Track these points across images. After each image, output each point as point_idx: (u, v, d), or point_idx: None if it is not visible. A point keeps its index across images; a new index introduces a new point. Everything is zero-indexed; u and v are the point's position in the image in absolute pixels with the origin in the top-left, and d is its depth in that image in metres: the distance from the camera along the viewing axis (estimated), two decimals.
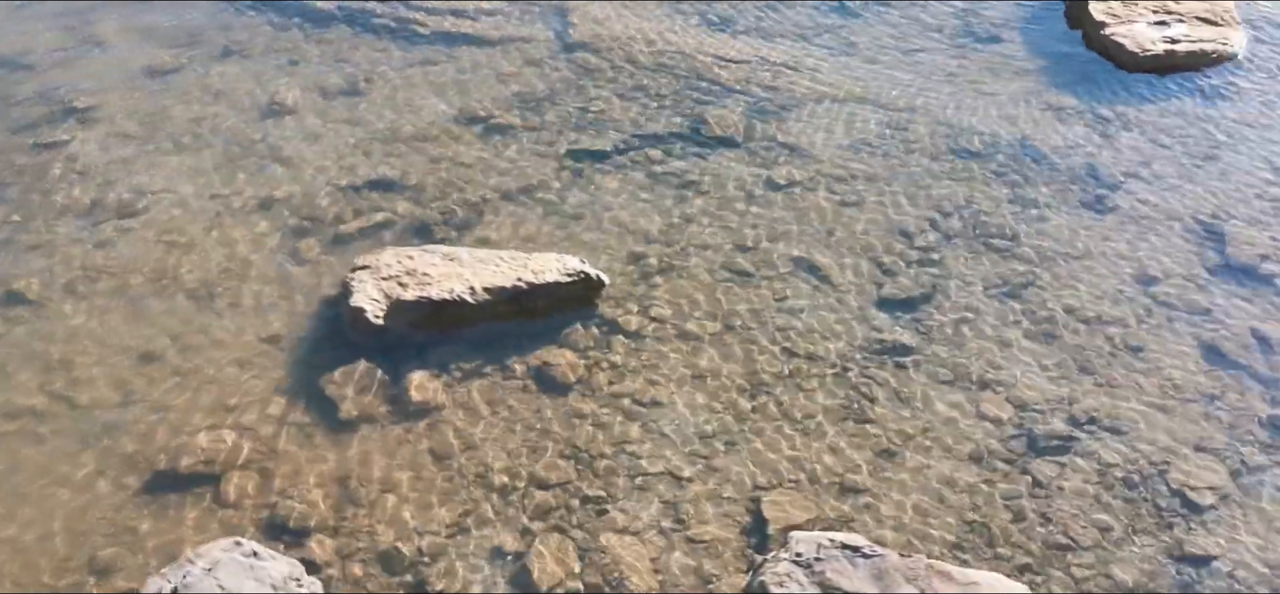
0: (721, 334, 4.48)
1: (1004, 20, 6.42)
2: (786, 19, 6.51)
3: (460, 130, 5.67)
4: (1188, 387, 4.19)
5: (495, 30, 6.44)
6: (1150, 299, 4.56)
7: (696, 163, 5.41)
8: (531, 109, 5.80)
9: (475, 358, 4.38)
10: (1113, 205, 5.05)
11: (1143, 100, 5.71)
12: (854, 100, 5.79)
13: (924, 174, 5.27)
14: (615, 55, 6.18)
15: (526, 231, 5.02)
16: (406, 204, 5.19)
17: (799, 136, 5.54)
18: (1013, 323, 4.49)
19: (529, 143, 5.57)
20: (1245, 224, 4.90)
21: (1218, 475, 3.85)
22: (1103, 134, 5.48)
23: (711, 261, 4.83)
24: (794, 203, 5.14)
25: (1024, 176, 5.24)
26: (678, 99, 5.84)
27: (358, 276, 4.56)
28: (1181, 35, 6.04)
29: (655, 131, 5.61)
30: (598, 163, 5.43)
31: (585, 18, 6.48)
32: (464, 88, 5.98)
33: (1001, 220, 4.98)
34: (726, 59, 6.12)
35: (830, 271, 4.75)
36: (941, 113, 5.65)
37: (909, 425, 4.08)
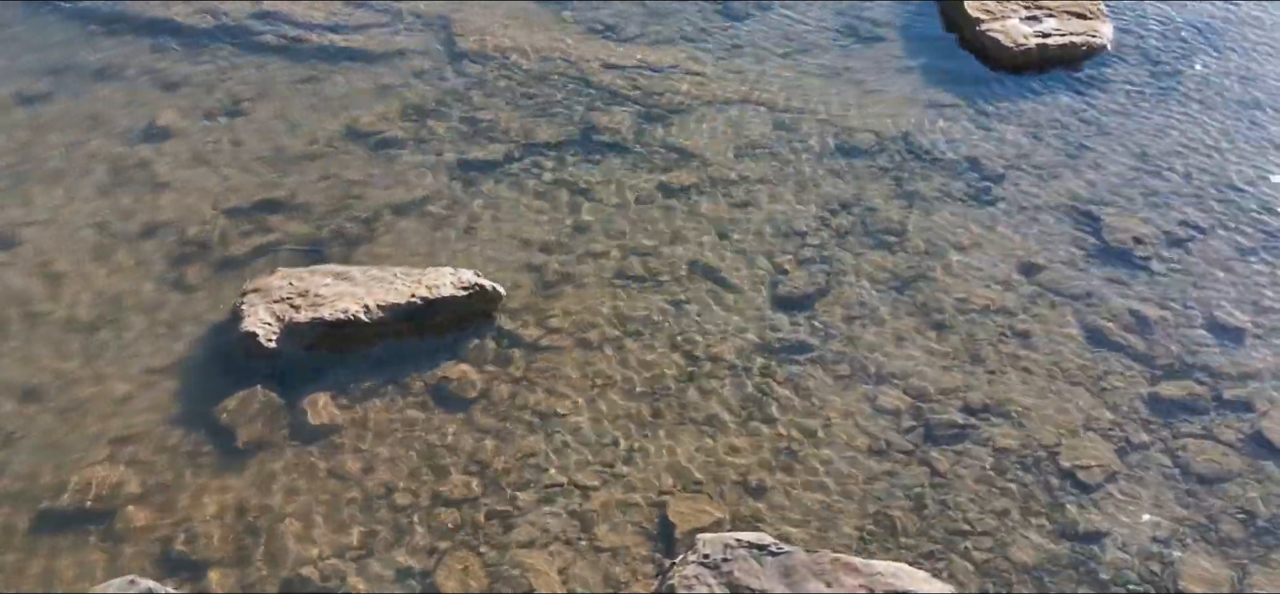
0: (621, 341, 4.49)
1: (884, 20, 6.55)
2: (672, 24, 6.55)
3: (347, 146, 5.58)
4: (1073, 369, 4.33)
5: (379, 44, 6.35)
6: (1034, 286, 4.70)
7: (588, 170, 5.41)
8: (419, 122, 5.73)
9: (373, 377, 4.31)
10: (995, 197, 5.19)
11: (1019, 94, 5.88)
12: (742, 102, 5.85)
13: (813, 173, 5.35)
14: (502, 65, 6.15)
15: (420, 246, 4.96)
16: (295, 224, 5.09)
17: (689, 140, 5.57)
18: (905, 315, 4.58)
19: (418, 156, 5.51)
20: (1119, 210, 5.08)
21: (1105, 454, 3.99)
22: (983, 128, 5.63)
23: (607, 268, 4.83)
24: (687, 206, 5.17)
25: (910, 172, 5.35)
26: (567, 107, 5.83)
27: (248, 301, 4.46)
28: (1052, 30, 6.23)
29: (546, 140, 5.60)
30: (489, 173, 5.39)
31: (470, 29, 6.43)
32: (349, 103, 5.89)
33: (890, 216, 5.08)
34: (614, 65, 6.13)
35: (726, 273, 4.79)
36: (827, 112, 5.74)
37: (810, 422, 4.14)
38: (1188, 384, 4.24)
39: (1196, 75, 5.99)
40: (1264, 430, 4.05)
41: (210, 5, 6.68)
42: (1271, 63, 6.07)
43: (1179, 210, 5.07)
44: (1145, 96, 5.84)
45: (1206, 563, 3.64)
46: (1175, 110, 5.72)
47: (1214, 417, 4.12)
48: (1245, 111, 5.70)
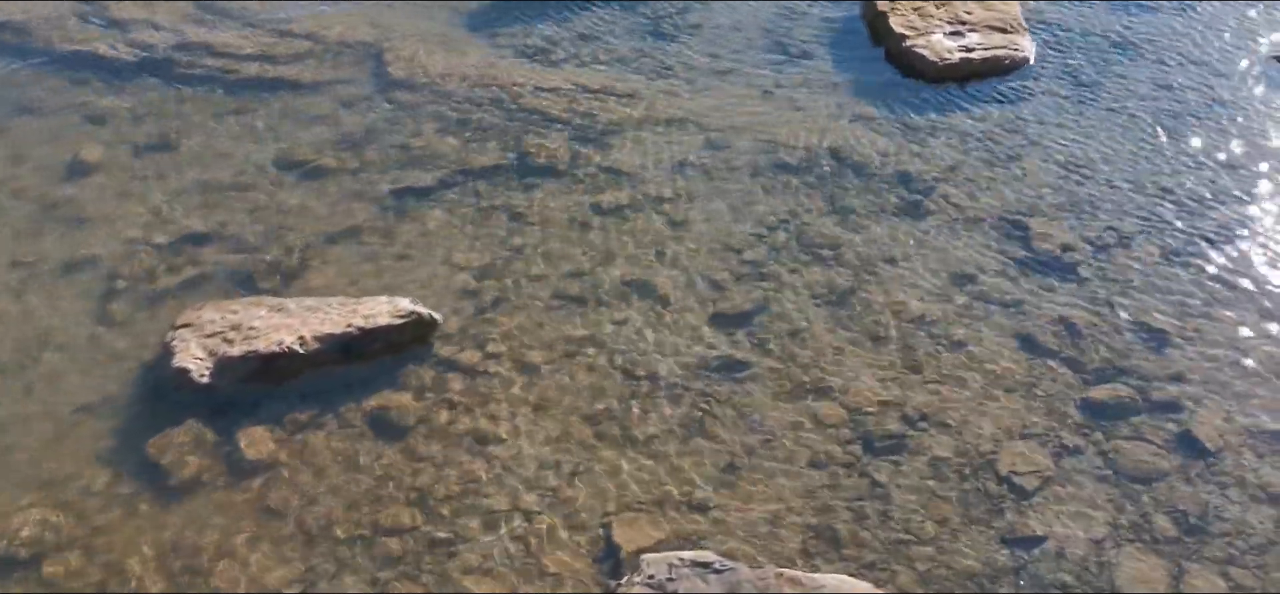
0: (560, 363, 4.48)
1: (812, 38, 6.63)
2: (602, 46, 6.57)
3: (278, 176, 5.52)
4: (1007, 377, 4.40)
5: (309, 74, 6.29)
6: (967, 296, 4.77)
7: (523, 194, 5.40)
8: (351, 150, 5.69)
9: (310, 409, 4.26)
10: (926, 209, 5.26)
11: (946, 108, 5.98)
12: (674, 123, 5.88)
13: (747, 191, 5.40)
14: (434, 92, 6.12)
15: (354, 275, 4.92)
16: (226, 256, 5.02)
17: (623, 161, 5.59)
18: (842, 328, 4.63)
19: (351, 185, 5.47)
20: (1046, 218, 5.18)
21: (1040, 460, 4.06)
22: (912, 142, 5.71)
23: (545, 291, 4.82)
24: (623, 227, 5.18)
25: (841, 186, 5.41)
26: (500, 131, 5.82)
27: (179, 336, 4.38)
28: (976, 44, 6.35)
29: (479, 165, 5.58)
30: (423, 200, 5.37)
31: (400, 56, 6.40)
32: (279, 133, 5.83)
33: (824, 230, 5.13)
34: (546, 89, 6.13)
35: (663, 292, 4.80)
36: (759, 130, 5.79)
37: (751, 438, 4.16)
38: (1118, 388, 4.33)
39: (1116, 85, 6.13)
40: (1192, 430, 4.15)
41: (134, 38, 6.58)
42: (1186, 72, 6.24)
43: (1104, 217, 5.18)
44: (1067, 107, 5.96)
45: (1142, 562, 3.71)
46: (1097, 120, 5.86)
47: (1144, 418, 4.21)
48: (1163, 119, 5.84)
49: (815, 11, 6.87)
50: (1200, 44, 6.48)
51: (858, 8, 6.86)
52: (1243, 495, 3.92)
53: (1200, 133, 5.74)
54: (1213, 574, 3.67)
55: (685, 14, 6.86)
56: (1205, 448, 4.08)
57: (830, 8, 6.91)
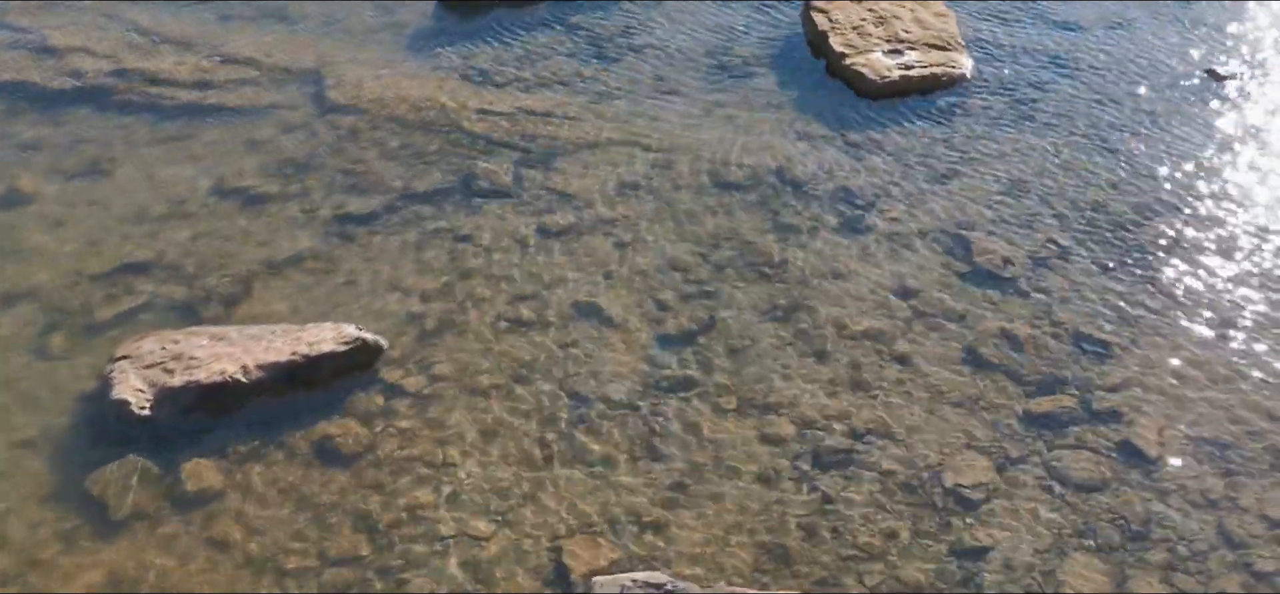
0: (508, 386, 4.46)
1: (753, 57, 6.68)
2: (545, 69, 6.57)
3: (218, 203, 5.46)
4: (951, 390, 4.44)
5: (248, 100, 6.23)
6: (910, 310, 4.83)
7: (468, 217, 5.38)
8: (293, 176, 5.64)
9: (254, 438, 4.20)
10: (868, 225, 5.31)
11: (886, 124, 6.05)
12: (618, 143, 5.89)
13: (691, 209, 5.42)
14: (376, 116, 6.09)
15: (298, 302, 4.87)
16: (166, 285, 4.95)
17: (568, 183, 5.59)
18: (788, 345, 4.66)
19: (293, 211, 5.41)
20: (986, 233, 5.25)
21: (985, 471, 4.10)
22: (853, 158, 5.77)
23: (492, 314, 4.81)
24: (569, 248, 5.18)
25: (785, 204, 5.45)
26: (444, 155, 5.80)
27: (118, 367, 4.31)
28: (914, 61, 6.43)
29: (423, 189, 5.56)
30: (366, 225, 5.33)
31: (342, 81, 6.36)
32: (219, 160, 5.76)
33: (768, 248, 5.17)
34: (490, 112, 6.12)
35: (611, 313, 4.80)
36: (703, 149, 5.82)
37: (700, 456, 4.17)
38: (1059, 398, 4.40)
39: (1052, 100, 6.24)
40: (1132, 438, 4.22)
41: (69, 65, 6.48)
42: (1120, 86, 6.36)
43: (1042, 230, 5.26)
44: (1005, 122, 6.06)
45: (1087, 569, 3.76)
46: (1034, 134, 5.95)
47: (1086, 427, 4.28)
48: (1098, 133, 5.95)
49: (757, 32, 6.93)
50: (1133, 60, 6.61)
51: (799, 27, 6.93)
52: (1183, 501, 3.99)
53: (1135, 146, 5.85)
54: (1155, 580, 3.73)
55: (628, 36, 6.89)
56: (1145, 455, 4.15)
57: (771, 28, 6.97)
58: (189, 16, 7.02)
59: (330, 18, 7.04)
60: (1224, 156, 5.78)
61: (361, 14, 7.09)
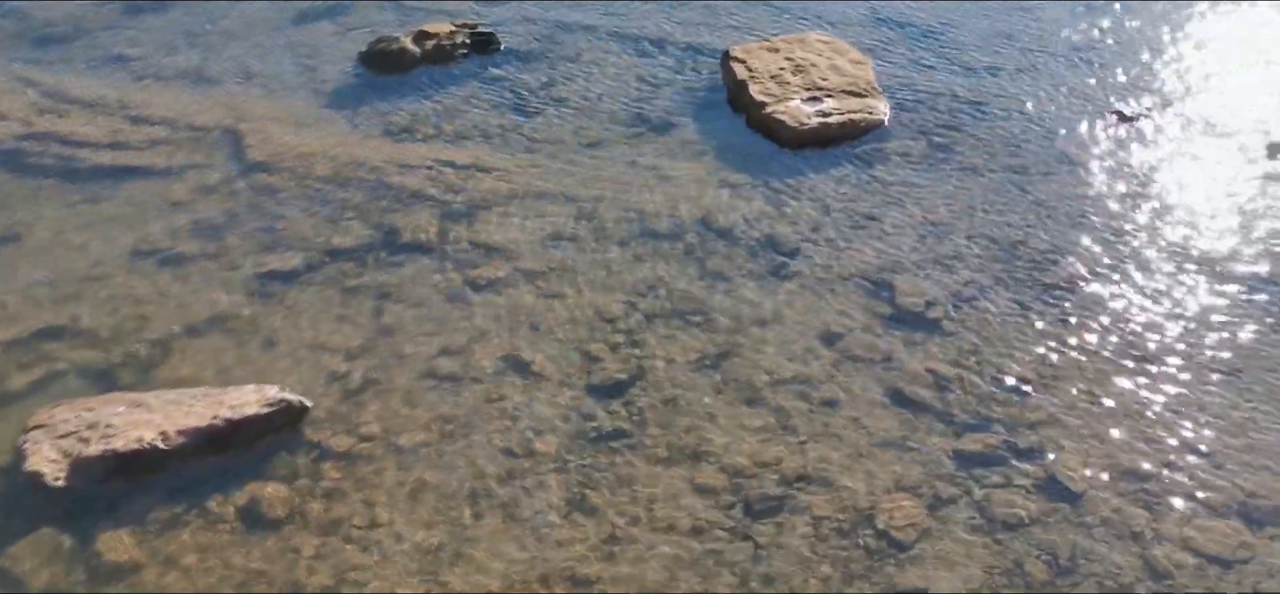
0: (436, 444, 4.41)
1: (675, 108, 6.73)
2: (467, 122, 6.56)
3: (135, 266, 5.34)
4: (880, 432, 4.48)
5: (165, 160, 6.12)
6: (837, 354, 4.87)
7: (392, 273, 5.33)
8: (211, 236, 5.54)
9: (175, 506, 4.10)
10: (793, 271, 5.36)
11: (808, 172, 6.13)
12: (542, 196, 5.89)
13: (618, 260, 5.42)
14: (297, 172, 6.02)
15: (220, 365, 4.77)
16: (81, 352, 4.82)
17: (492, 236, 5.57)
18: (717, 393, 4.66)
19: (212, 271, 5.32)
20: (909, 275, 5.32)
21: (916, 512, 4.13)
22: (775, 206, 5.83)
23: (418, 371, 4.75)
24: (495, 302, 5.15)
25: (710, 252, 5.48)
26: (366, 210, 5.75)
27: (32, 438, 4.18)
28: (832, 109, 6.53)
29: (346, 245, 5.50)
30: (288, 284, 5.25)
31: (260, 138, 6.28)
32: (134, 222, 5.64)
33: (695, 296, 5.18)
34: (412, 166, 6.09)
35: (539, 366, 4.78)
36: (627, 200, 5.84)
37: (632, 509, 4.14)
38: (985, 437, 4.45)
39: (968, 144, 6.37)
40: (1056, 474, 4.28)
41: None
42: (1033, 128, 6.52)
43: (963, 272, 5.35)
44: (923, 167, 6.16)
45: None
46: (952, 178, 6.06)
47: (1012, 465, 4.34)
48: (1013, 176, 6.08)
49: (677, 83, 6.99)
50: (1045, 103, 6.78)
51: (718, 77, 7.00)
52: (1108, 534, 4.06)
53: (1049, 187, 5.99)
54: None
55: (550, 89, 6.91)
56: (1070, 491, 4.22)
57: (692, 79, 7.04)
58: (102, 77, 6.90)
59: (249, 75, 6.97)
60: (1134, 194, 5.94)
61: (281, 72, 7.03)
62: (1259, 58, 7.35)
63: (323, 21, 7.61)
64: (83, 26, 7.42)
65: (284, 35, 7.44)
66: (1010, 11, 7.88)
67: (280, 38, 7.41)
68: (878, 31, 7.62)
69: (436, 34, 7.20)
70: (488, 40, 7.28)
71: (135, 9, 7.70)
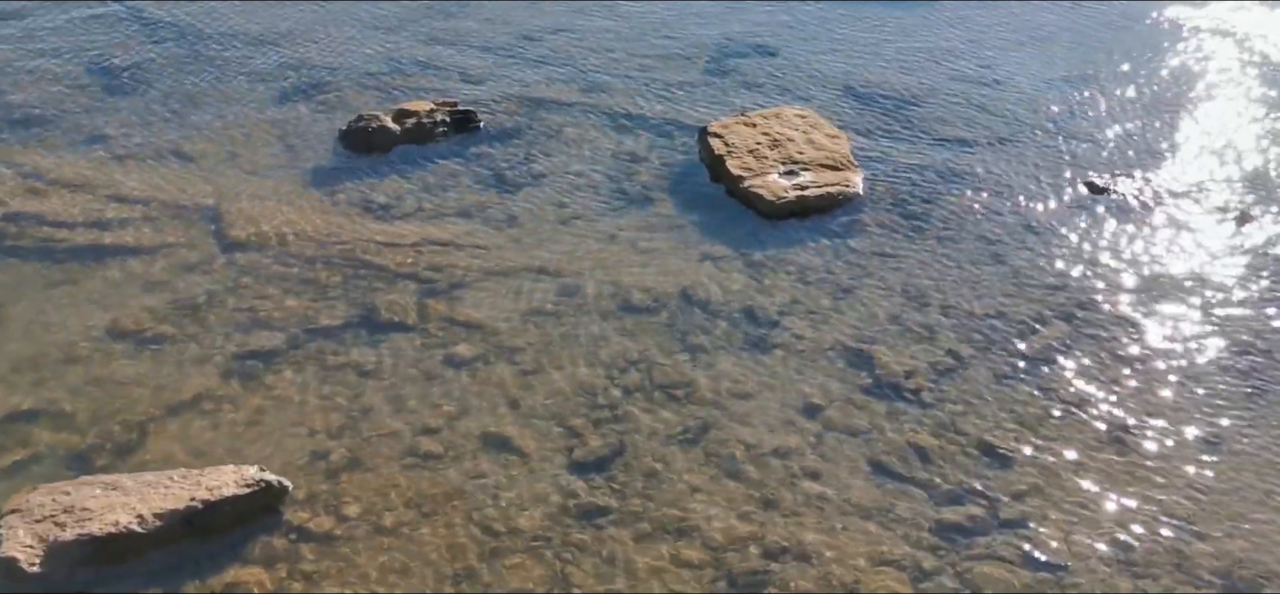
0: (416, 523, 4.38)
1: (654, 182, 6.78)
2: (447, 199, 6.59)
3: (113, 347, 5.31)
4: (862, 504, 4.48)
5: (144, 239, 6.12)
6: (819, 426, 4.88)
7: (372, 351, 5.32)
8: (190, 316, 5.53)
9: (152, 590, 4.04)
10: (773, 343, 5.38)
11: (786, 244, 6.17)
12: (522, 271, 5.91)
13: (598, 334, 5.43)
14: (276, 251, 6.02)
15: (197, 446, 4.73)
16: (57, 435, 4.78)
17: (473, 312, 5.57)
18: (699, 467, 4.66)
19: (191, 351, 5.30)
20: (888, 346, 5.35)
21: (900, 585, 4.12)
22: (756, 278, 5.86)
23: (399, 450, 4.73)
24: (476, 379, 5.15)
25: (690, 325, 5.50)
26: (346, 289, 5.75)
27: (6, 523, 4.13)
28: (809, 182, 6.60)
29: (325, 324, 5.49)
30: (267, 364, 5.23)
31: (241, 217, 6.29)
32: (112, 302, 5.62)
33: (676, 370, 5.19)
34: (392, 244, 6.10)
35: (520, 442, 4.77)
36: (607, 274, 5.87)
37: (614, 585, 4.12)
38: (967, 508, 4.46)
39: (943, 215, 6.44)
40: (1039, 545, 4.29)
41: None
42: (1006, 199, 6.60)
43: (942, 342, 5.38)
44: (900, 238, 6.22)
45: None
46: (928, 249, 6.12)
47: (995, 537, 4.34)
48: (988, 246, 6.15)
49: (656, 157, 7.05)
50: (1017, 174, 6.87)
51: (696, 152, 7.07)
52: None
53: (1025, 257, 6.05)
54: None
55: (529, 164, 6.95)
56: (1053, 562, 4.22)
57: (670, 153, 7.10)
58: (82, 157, 6.91)
59: (229, 155, 6.99)
60: (1108, 264, 6.00)
61: (261, 151, 7.05)
62: (1225, 131, 7.49)
63: (303, 101, 7.66)
64: (64, 108, 7.45)
65: (265, 114, 7.48)
66: (982, 86, 8.01)
67: (261, 116, 7.44)
68: (852, 105, 7.72)
69: (416, 112, 7.26)
70: (467, 118, 7.33)
71: (116, 89, 7.74)
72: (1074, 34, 8.92)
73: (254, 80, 7.92)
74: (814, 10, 9.26)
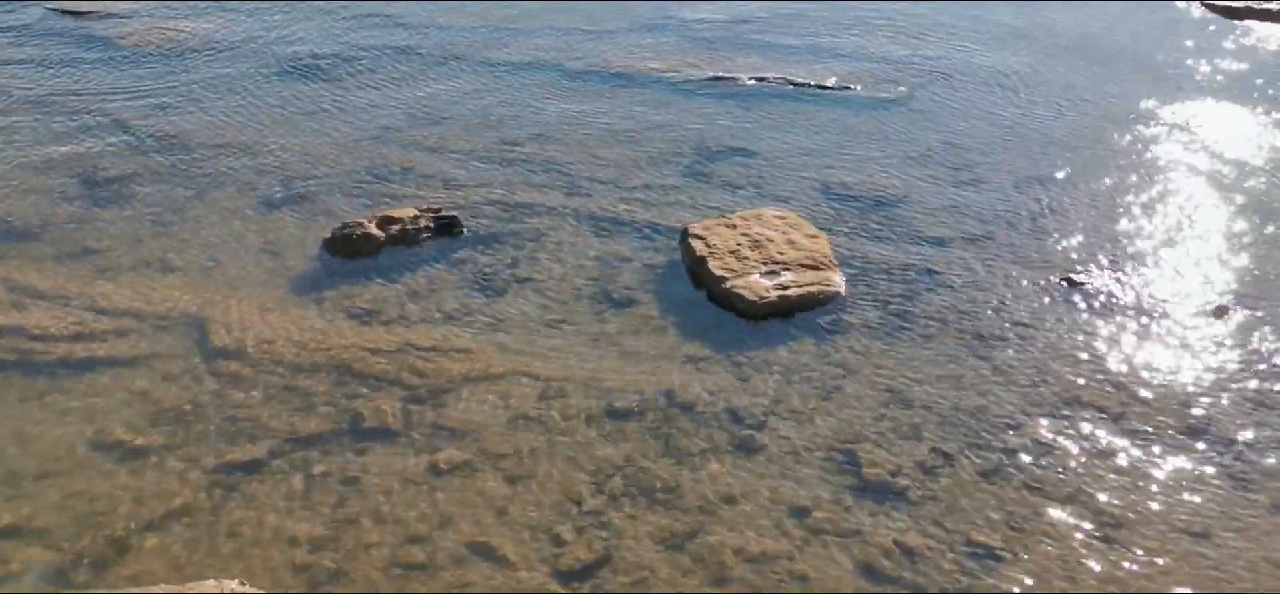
0: None
1: (637, 285, 6.82)
2: (432, 304, 6.61)
3: (94, 459, 5.27)
4: None
5: (127, 350, 6.10)
6: (806, 529, 4.86)
7: (356, 459, 5.30)
8: (173, 427, 5.49)
9: None
10: (759, 445, 5.38)
11: (770, 344, 6.20)
12: (507, 376, 5.91)
13: (584, 439, 5.42)
14: (260, 360, 6.01)
15: (179, 560, 4.68)
16: (36, 551, 4.72)
17: (458, 419, 5.56)
18: (687, 573, 4.63)
19: (173, 463, 5.26)
20: (874, 445, 5.36)
21: None
22: (740, 379, 5.88)
23: (384, 560, 4.69)
24: (461, 486, 5.12)
25: (676, 428, 5.50)
26: (330, 397, 5.74)
27: None
28: (791, 282, 6.65)
29: (309, 433, 5.47)
30: (251, 474, 5.20)
31: (224, 325, 6.29)
32: (95, 414, 5.59)
33: (662, 474, 5.18)
34: (377, 350, 6.10)
35: (505, 551, 4.73)
36: (592, 378, 5.87)
37: None
38: None
39: (924, 312, 6.49)
40: None
41: None
42: (986, 295, 6.66)
43: (927, 440, 5.39)
44: (882, 336, 6.26)
45: None
46: (909, 346, 6.16)
47: None
48: (970, 343, 6.19)
49: (639, 260, 7.10)
50: (995, 270, 6.95)
51: (678, 254, 7.13)
52: None
53: (1006, 353, 6.10)
54: None
55: (513, 268, 6.99)
56: None
57: (652, 256, 7.15)
58: (65, 270, 6.91)
59: (213, 264, 7.01)
60: (1088, 359, 6.05)
61: (245, 259, 7.07)
62: (1199, 226, 7.60)
63: (288, 209, 7.70)
64: (48, 220, 7.47)
65: (250, 223, 7.51)
66: (958, 185, 8.12)
67: (246, 226, 7.48)
68: (830, 205, 7.81)
69: (401, 218, 7.30)
70: (451, 223, 7.38)
71: (99, 201, 7.76)
72: (1049, 133, 9.07)
73: (239, 190, 7.97)
74: (790, 112, 9.41)
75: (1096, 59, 10.78)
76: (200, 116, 9.26)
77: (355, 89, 9.90)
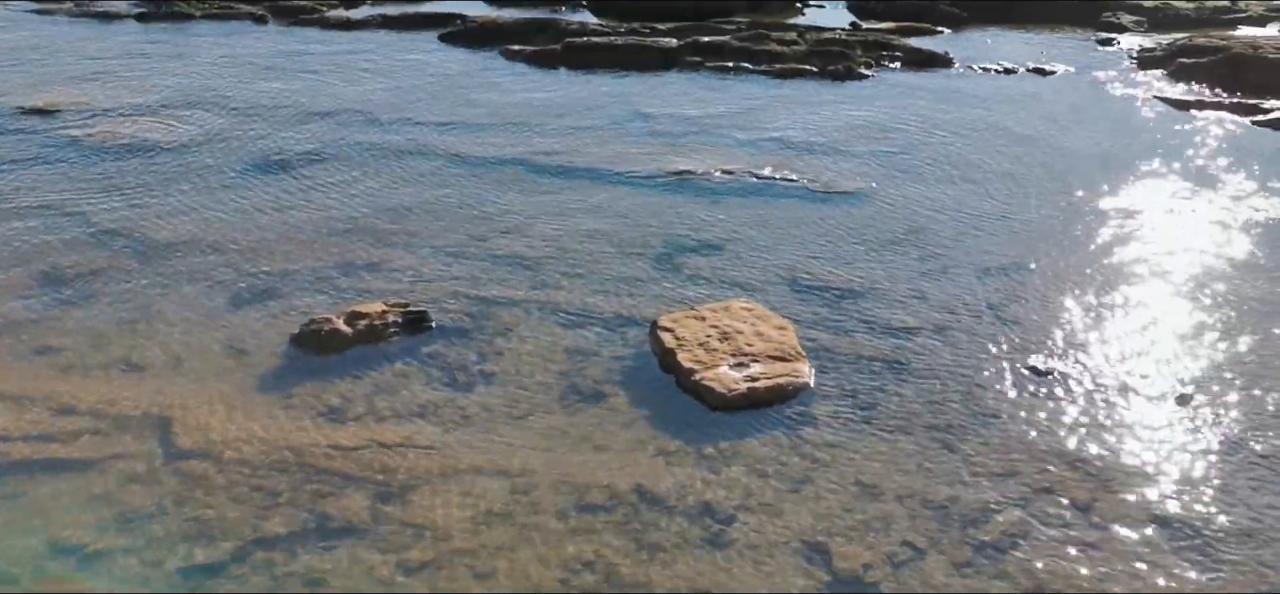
0: None
1: (606, 378, 6.82)
2: (399, 400, 6.57)
3: (51, 566, 5.17)
4: None
5: (89, 451, 6.01)
6: None
7: (321, 558, 5.22)
8: (135, 529, 5.40)
9: None
10: (729, 539, 5.36)
11: (739, 436, 6.20)
12: (475, 472, 5.87)
13: (552, 535, 5.38)
14: (225, 458, 5.94)
15: None
16: None
17: (426, 515, 5.51)
18: None
19: (134, 567, 5.16)
20: (845, 539, 5.35)
21: None
22: (710, 472, 5.87)
23: None
24: (429, 584, 5.05)
25: (645, 523, 5.47)
26: (296, 495, 5.67)
27: None
28: (759, 373, 6.67)
29: (275, 532, 5.39)
30: (214, 576, 5.11)
31: (189, 425, 6.22)
32: (53, 518, 5.48)
33: (632, 571, 5.14)
34: (343, 448, 6.05)
35: None
36: (561, 473, 5.84)
37: None
38: None
39: (892, 404, 6.52)
40: None
41: None
42: (951, 386, 6.71)
43: (897, 533, 5.39)
44: (850, 428, 6.28)
45: None
46: (879, 438, 6.18)
47: None
48: (938, 434, 6.22)
49: (606, 351, 7.11)
50: (961, 361, 7.01)
51: (647, 346, 7.14)
52: None
53: (974, 444, 6.12)
54: None
55: (480, 363, 6.98)
56: None
57: (621, 348, 7.16)
58: (27, 371, 6.83)
59: (178, 362, 6.96)
60: (1054, 448, 6.08)
61: (212, 356, 7.03)
62: (1161, 314, 7.71)
63: (255, 305, 7.68)
64: (10, 320, 7.40)
65: (216, 321, 7.48)
66: (924, 275, 8.22)
67: (212, 323, 7.44)
68: (797, 297, 7.88)
69: (368, 314, 7.29)
70: (420, 318, 7.38)
71: (63, 302, 7.71)
72: (1010, 224, 9.22)
73: (205, 287, 7.94)
74: (757, 206, 9.52)
75: (1054, 150, 11.00)
76: (166, 214, 9.25)
77: (322, 184, 9.94)
